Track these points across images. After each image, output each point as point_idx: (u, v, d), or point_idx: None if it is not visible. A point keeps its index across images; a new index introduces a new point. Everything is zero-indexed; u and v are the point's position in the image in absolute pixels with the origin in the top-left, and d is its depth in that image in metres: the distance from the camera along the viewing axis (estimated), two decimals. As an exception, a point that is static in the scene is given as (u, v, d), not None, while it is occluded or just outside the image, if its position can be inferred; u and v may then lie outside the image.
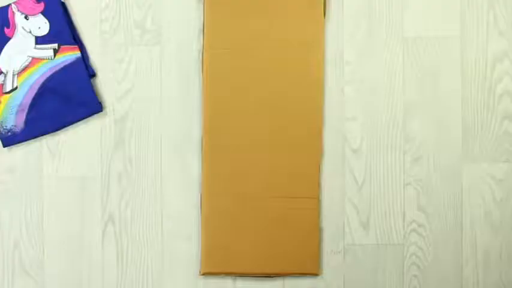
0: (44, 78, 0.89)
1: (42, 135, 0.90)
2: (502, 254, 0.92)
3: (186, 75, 0.91)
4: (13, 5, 0.90)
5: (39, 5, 0.90)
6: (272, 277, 0.90)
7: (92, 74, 0.90)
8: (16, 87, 0.89)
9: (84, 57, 0.90)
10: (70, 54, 0.90)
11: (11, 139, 0.90)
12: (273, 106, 0.90)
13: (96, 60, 0.91)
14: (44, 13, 0.90)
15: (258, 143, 0.90)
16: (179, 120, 0.91)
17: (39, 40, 0.90)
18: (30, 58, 0.90)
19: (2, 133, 0.90)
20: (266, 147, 0.90)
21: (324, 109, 0.91)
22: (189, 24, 0.91)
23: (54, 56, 0.90)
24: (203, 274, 0.89)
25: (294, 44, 0.90)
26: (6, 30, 0.89)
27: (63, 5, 0.90)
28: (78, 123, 0.91)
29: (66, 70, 0.89)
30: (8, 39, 0.90)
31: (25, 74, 0.89)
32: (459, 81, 0.92)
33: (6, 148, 0.90)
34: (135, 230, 0.91)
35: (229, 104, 0.90)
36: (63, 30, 0.89)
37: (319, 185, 0.90)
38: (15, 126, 0.90)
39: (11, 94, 0.89)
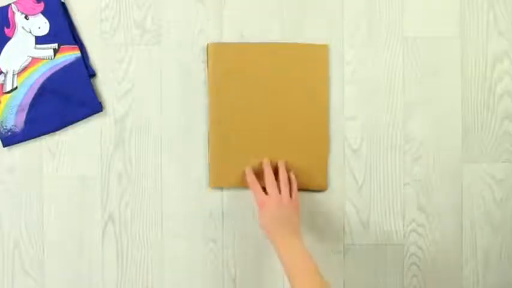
0: (44, 78, 0.89)
1: (42, 135, 0.90)
2: (502, 254, 0.92)
3: (186, 75, 0.91)
4: (13, 5, 0.90)
5: (39, 5, 0.90)
6: None
7: (92, 74, 0.90)
8: (16, 87, 0.89)
9: (84, 57, 0.90)
10: (70, 54, 0.90)
11: (10, 139, 0.90)
12: (279, 101, 0.90)
13: (96, 60, 0.91)
14: (44, 13, 0.90)
15: (265, 137, 0.90)
16: (179, 120, 0.91)
17: (39, 40, 0.90)
18: (30, 58, 0.90)
19: (2, 133, 0.89)
20: (273, 141, 0.90)
21: (329, 100, 0.91)
22: (189, 24, 0.91)
23: (54, 56, 0.90)
24: None
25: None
26: (6, 30, 0.89)
27: (63, 5, 0.90)
28: (78, 123, 0.90)
29: (66, 70, 0.89)
30: (8, 39, 0.90)
31: (25, 74, 0.89)
32: (459, 81, 0.92)
33: (6, 148, 0.90)
34: (135, 230, 0.91)
35: (235, 100, 0.90)
36: (63, 30, 0.89)
37: (327, 176, 0.90)
38: (15, 126, 0.89)
39: (11, 94, 0.89)
